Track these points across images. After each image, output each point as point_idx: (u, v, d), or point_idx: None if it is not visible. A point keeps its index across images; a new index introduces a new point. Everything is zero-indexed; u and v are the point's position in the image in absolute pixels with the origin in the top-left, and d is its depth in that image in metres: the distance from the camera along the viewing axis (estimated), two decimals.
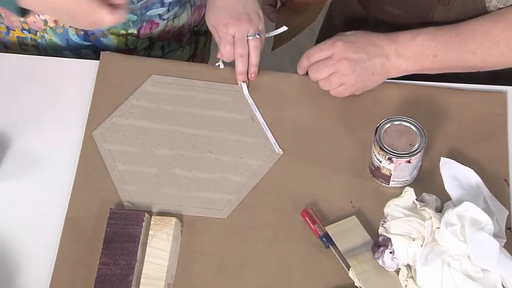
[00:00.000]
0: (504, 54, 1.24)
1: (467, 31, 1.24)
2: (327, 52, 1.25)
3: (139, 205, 1.20)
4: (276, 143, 1.25)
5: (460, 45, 1.24)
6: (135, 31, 1.39)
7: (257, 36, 1.28)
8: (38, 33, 1.38)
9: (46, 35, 1.38)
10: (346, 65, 1.23)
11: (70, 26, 1.36)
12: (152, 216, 1.16)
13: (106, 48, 1.39)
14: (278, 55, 2.27)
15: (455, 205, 1.15)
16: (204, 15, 1.45)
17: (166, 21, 1.41)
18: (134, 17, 1.37)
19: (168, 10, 1.39)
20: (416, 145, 1.17)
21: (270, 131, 1.27)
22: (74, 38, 1.38)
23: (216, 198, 1.21)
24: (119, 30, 1.38)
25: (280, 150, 1.25)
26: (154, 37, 1.43)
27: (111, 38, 1.39)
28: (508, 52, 1.24)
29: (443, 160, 1.22)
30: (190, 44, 1.51)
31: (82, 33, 1.37)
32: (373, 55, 1.24)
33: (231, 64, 1.33)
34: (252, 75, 1.29)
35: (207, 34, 1.54)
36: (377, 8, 1.37)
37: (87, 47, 1.40)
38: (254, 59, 1.29)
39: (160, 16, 1.39)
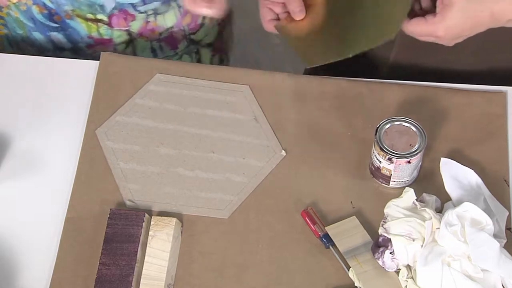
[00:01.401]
0: None
1: None
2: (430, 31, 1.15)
3: (141, 204, 1.20)
4: (279, 144, 1.25)
5: None
6: (105, 18, 1.36)
7: None
8: (3, 9, 1.35)
9: (11, 12, 1.35)
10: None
11: (34, 3, 1.32)
12: (152, 217, 1.16)
13: (76, 33, 1.36)
14: (279, 55, 2.26)
15: (455, 205, 1.15)
16: (201, 24, 1.42)
17: (145, 15, 1.37)
18: (101, 1, 1.33)
19: (144, 2, 1.35)
20: (416, 146, 1.17)
21: (273, 131, 1.27)
22: (39, 17, 1.34)
23: (218, 198, 1.21)
24: (85, 14, 1.35)
25: (283, 151, 1.24)
26: (134, 32, 1.39)
27: (78, 21, 1.36)
28: None
29: (443, 161, 1.22)
30: (190, 54, 1.48)
31: (46, 11, 1.33)
32: (470, 30, 1.15)
33: (234, 64, 1.33)
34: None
35: (214, 48, 1.51)
36: None
37: (56, 30, 1.36)
38: None
39: (134, 6, 1.35)
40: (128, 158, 1.24)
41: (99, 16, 1.36)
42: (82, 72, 1.34)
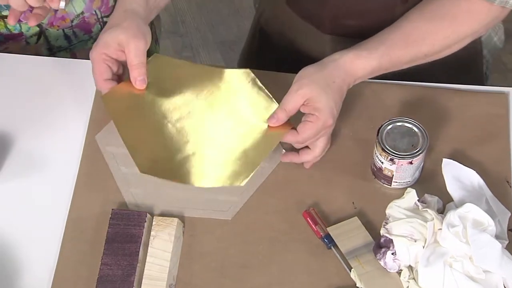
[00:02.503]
0: (452, 47, 1.23)
1: (418, 39, 1.21)
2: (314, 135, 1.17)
3: (144, 208, 1.20)
4: (280, 144, 1.25)
5: (411, 53, 1.21)
6: (5, 13, 1.35)
7: None
8: None
9: None
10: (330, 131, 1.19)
11: None
12: (154, 217, 1.16)
13: None
14: None
15: (457, 206, 1.15)
16: (112, 7, 1.39)
17: None
18: None
19: None
20: (418, 146, 1.17)
21: None
22: None
23: (220, 199, 1.21)
24: None
25: (284, 151, 1.24)
26: (44, 23, 1.38)
27: None
28: (456, 45, 1.23)
29: (445, 162, 1.22)
30: None
31: None
32: (341, 101, 1.19)
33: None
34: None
35: None
36: (333, 24, 1.35)
37: None
38: None
39: None
40: (129, 162, 1.22)
41: (5, 13, 1.35)
42: (85, 73, 1.33)
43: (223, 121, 1.21)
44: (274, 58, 1.32)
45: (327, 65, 1.18)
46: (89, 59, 1.21)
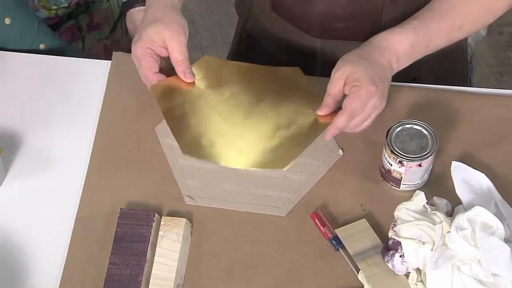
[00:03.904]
0: (485, 19, 1.24)
1: (451, 10, 1.22)
2: (363, 103, 1.17)
3: (199, 200, 1.20)
4: (336, 143, 1.24)
5: (447, 25, 1.23)
6: (66, 4, 1.48)
7: None
8: None
9: None
10: (379, 100, 1.19)
11: None
12: (162, 217, 1.16)
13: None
14: None
15: (466, 209, 1.15)
16: None
17: None
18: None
19: None
20: (427, 149, 1.16)
21: None
22: None
23: (275, 196, 1.20)
24: (51, 5, 1.50)
25: (340, 151, 1.24)
26: None
27: (42, 12, 1.47)
28: (488, 16, 1.24)
29: (455, 164, 1.21)
30: None
31: None
32: (386, 77, 1.21)
33: None
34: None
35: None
36: (322, 28, 1.35)
37: None
38: None
39: None
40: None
41: (62, 5, 1.51)
42: (94, 72, 1.34)
43: (271, 113, 1.23)
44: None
45: (363, 46, 1.21)
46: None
